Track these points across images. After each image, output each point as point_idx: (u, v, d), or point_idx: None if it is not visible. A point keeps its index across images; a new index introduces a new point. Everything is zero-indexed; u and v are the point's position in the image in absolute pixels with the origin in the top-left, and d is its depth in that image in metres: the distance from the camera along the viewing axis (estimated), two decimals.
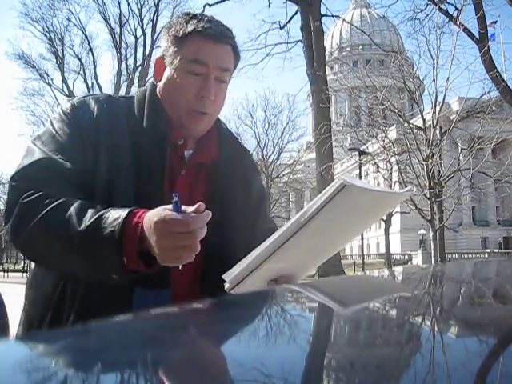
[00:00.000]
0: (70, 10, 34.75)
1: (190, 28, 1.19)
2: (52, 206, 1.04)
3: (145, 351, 0.44)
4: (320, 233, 0.99)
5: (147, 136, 1.20)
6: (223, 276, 0.98)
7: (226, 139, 1.34)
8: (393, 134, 19.03)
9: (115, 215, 1.00)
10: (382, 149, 17.60)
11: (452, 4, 15.60)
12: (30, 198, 1.06)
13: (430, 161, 14.34)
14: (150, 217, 0.97)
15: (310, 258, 1.13)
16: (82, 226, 1.00)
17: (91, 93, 1.39)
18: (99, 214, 1.01)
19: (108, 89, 34.32)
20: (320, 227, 0.96)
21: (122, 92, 32.69)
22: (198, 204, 0.96)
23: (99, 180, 1.14)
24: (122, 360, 0.42)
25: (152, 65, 1.46)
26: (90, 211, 1.02)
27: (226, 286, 1.00)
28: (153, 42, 33.65)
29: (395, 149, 16.82)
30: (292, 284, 1.06)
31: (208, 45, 1.19)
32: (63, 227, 1.02)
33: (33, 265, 1.26)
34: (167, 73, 1.23)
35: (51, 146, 1.14)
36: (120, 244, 0.98)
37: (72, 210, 1.03)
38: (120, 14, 33.89)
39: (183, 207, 0.96)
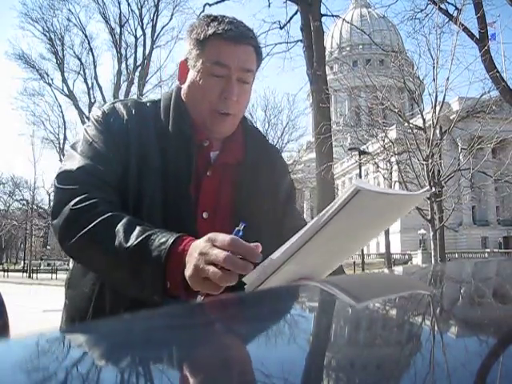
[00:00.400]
0: (70, 10, 34.79)
1: (210, 31, 1.21)
2: (101, 219, 1.06)
3: (148, 351, 0.44)
4: (337, 237, 1.00)
5: (173, 139, 1.22)
6: (243, 279, 0.98)
7: (252, 139, 1.35)
8: (393, 133, 19.02)
9: (162, 239, 1.01)
10: (382, 149, 17.59)
11: (452, 4, 15.56)
12: (80, 205, 1.09)
13: (430, 161, 14.34)
14: (198, 243, 0.98)
15: (328, 260, 1.13)
16: (129, 244, 1.02)
17: (121, 98, 1.44)
18: (147, 234, 1.03)
19: (108, 89, 34.43)
20: (336, 231, 0.97)
21: (122, 92, 32.72)
22: (256, 244, 0.95)
23: (130, 183, 1.17)
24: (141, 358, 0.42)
25: (152, 64, 1.49)
26: (138, 229, 1.04)
27: (246, 289, 1.00)
28: (153, 42, 33.68)
29: (395, 148, 16.81)
30: (301, 283, 1.06)
31: (229, 47, 1.21)
32: (110, 242, 1.04)
33: (71, 265, 1.32)
34: (190, 75, 1.25)
35: (90, 153, 1.18)
36: (165, 269, 1.00)
37: (120, 226, 1.05)
38: (120, 14, 33.90)
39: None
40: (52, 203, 1.18)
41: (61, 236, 1.13)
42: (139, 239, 1.02)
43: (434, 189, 13.34)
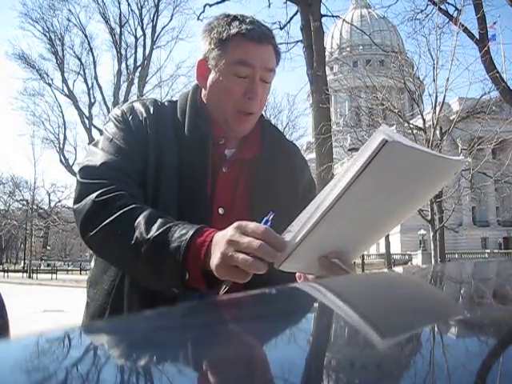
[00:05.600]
0: (69, 10, 34.81)
1: (233, 30, 1.21)
2: (122, 211, 1.07)
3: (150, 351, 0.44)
4: (368, 199, 0.89)
5: (189, 136, 1.24)
6: None
7: (269, 134, 1.36)
8: None
9: (183, 230, 1.02)
10: None
11: (452, 4, 15.56)
12: (103, 197, 1.10)
13: None
14: (225, 232, 0.97)
15: (362, 232, 1.02)
16: (150, 235, 1.03)
17: (139, 98, 1.46)
18: (168, 225, 1.03)
19: (108, 89, 34.41)
20: (366, 192, 0.87)
21: (122, 92, 32.74)
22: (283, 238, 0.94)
23: (147, 180, 1.19)
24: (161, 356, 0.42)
25: (152, 64, 1.50)
26: (159, 221, 1.05)
27: (275, 264, 0.97)
28: (153, 42, 33.69)
29: None
30: (301, 284, 1.06)
31: (253, 47, 1.21)
32: (131, 234, 1.05)
33: (92, 265, 1.32)
34: (212, 75, 1.26)
35: (111, 149, 1.20)
36: (184, 260, 1.00)
37: (141, 217, 1.06)
38: (120, 14, 33.92)
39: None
40: (74, 197, 1.18)
41: (82, 228, 1.13)
42: (160, 230, 1.03)
43: (469, 159, 12.93)
